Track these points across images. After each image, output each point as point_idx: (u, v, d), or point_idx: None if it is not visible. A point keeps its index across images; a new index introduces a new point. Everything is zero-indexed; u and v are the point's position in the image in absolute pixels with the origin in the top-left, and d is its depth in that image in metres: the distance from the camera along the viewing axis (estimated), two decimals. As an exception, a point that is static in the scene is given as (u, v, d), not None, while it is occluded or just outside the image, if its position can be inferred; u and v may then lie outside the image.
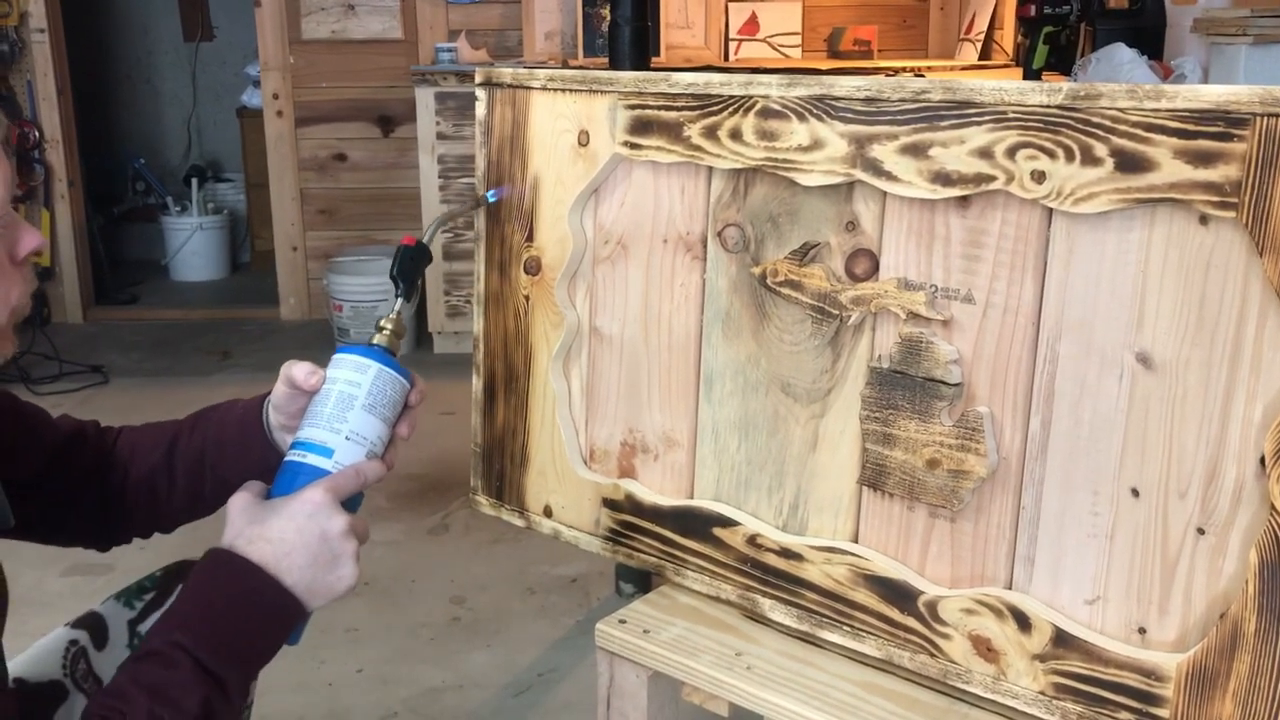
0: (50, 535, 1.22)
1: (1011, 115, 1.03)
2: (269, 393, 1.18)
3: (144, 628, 1.23)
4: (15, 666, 1.15)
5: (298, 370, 1.11)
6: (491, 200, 1.42)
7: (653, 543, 1.37)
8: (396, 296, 1.21)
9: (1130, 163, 0.97)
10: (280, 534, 1.00)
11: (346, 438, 1.08)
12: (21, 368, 3.90)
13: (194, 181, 5.73)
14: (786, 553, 1.26)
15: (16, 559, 1.08)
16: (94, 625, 1.22)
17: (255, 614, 0.98)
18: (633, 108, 1.28)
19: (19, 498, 1.12)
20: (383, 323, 1.16)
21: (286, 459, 1.09)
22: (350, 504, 1.06)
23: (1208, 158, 0.93)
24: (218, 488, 1.20)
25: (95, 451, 1.23)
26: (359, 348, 1.12)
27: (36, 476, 1.17)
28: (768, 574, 1.28)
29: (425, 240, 1.22)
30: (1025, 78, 3.71)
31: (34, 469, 1.17)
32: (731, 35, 4.59)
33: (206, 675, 0.93)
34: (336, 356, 1.12)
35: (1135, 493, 1.04)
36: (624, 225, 1.35)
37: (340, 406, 1.08)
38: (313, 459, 1.07)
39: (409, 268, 1.21)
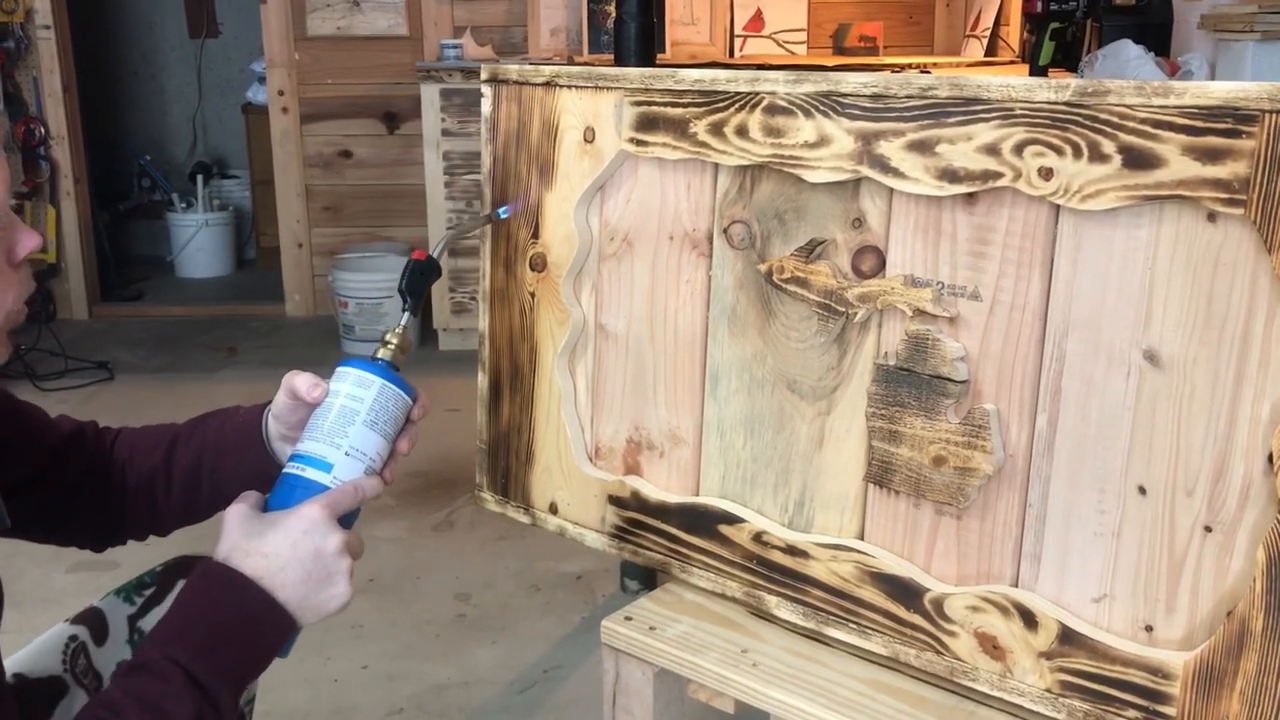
0: (47, 535, 1.22)
1: (1019, 112, 1.02)
2: (270, 401, 1.17)
3: (144, 623, 1.23)
4: (15, 662, 1.15)
5: (300, 381, 1.11)
6: (503, 216, 1.42)
7: (658, 540, 1.37)
8: (403, 310, 1.19)
9: (1138, 159, 0.97)
10: (275, 549, 0.99)
11: (346, 453, 1.07)
12: (27, 364, 3.91)
13: (199, 178, 5.73)
14: (792, 550, 1.26)
15: (22, 556, 1.09)
16: (94, 621, 1.21)
17: (248, 629, 0.98)
18: (639, 104, 1.28)
19: (16, 497, 1.12)
20: (388, 336, 1.15)
21: (285, 471, 1.08)
22: (346, 520, 1.05)
23: (1216, 154, 0.93)
24: (214, 494, 1.20)
25: (94, 452, 1.22)
26: (363, 361, 1.11)
27: (35, 476, 1.17)
28: (774, 571, 1.28)
29: (435, 255, 1.22)
30: (1031, 74, 3.70)
31: (32, 469, 1.17)
32: (737, 31, 4.59)
33: (198, 689, 0.93)
34: (340, 369, 1.11)
35: (1142, 490, 1.04)
36: (630, 222, 1.35)
37: (341, 421, 1.08)
38: (311, 473, 1.06)
39: (417, 282, 1.20)
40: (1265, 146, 0.91)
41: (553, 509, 1.47)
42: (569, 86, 1.34)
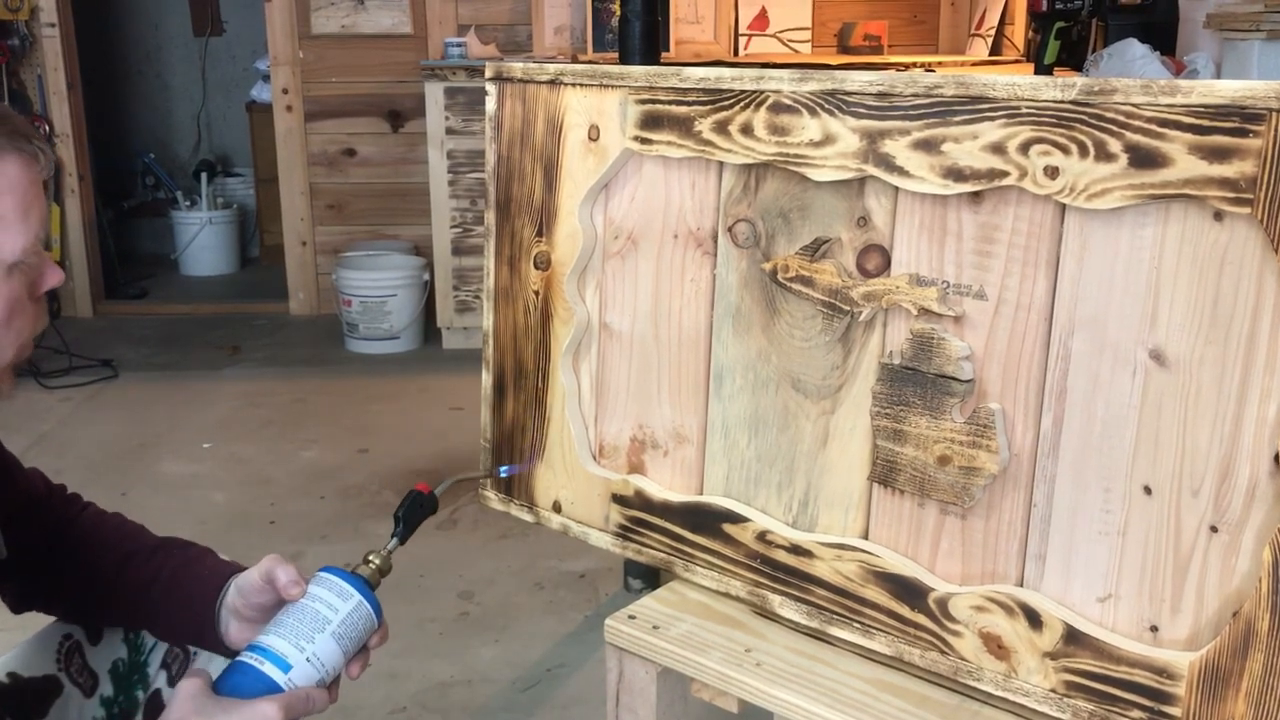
0: None
1: (1024, 110, 1.02)
2: (241, 569, 1.16)
3: None
4: (8, 661, 1.14)
5: (282, 574, 1.09)
6: (503, 475, 1.45)
7: (662, 538, 1.37)
8: (393, 535, 1.20)
9: (1144, 158, 0.96)
10: None
11: (308, 659, 1.06)
12: (32, 362, 3.90)
13: (203, 176, 5.74)
14: (796, 549, 1.26)
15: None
16: None
17: None
18: (643, 102, 1.28)
19: None
20: (371, 556, 1.15)
21: (241, 659, 1.07)
22: None
23: (1223, 153, 0.93)
24: (147, 621, 1.19)
25: (56, 522, 1.21)
26: (346, 574, 1.11)
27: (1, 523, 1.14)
28: (777, 570, 1.27)
29: (436, 492, 1.23)
30: (1036, 73, 3.69)
31: (1, 516, 1.14)
32: (741, 30, 4.59)
33: None
34: (321, 574, 1.11)
35: (1148, 490, 1.03)
36: (634, 220, 1.34)
37: (311, 626, 1.07)
38: (269, 668, 1.05)
39: (414, 514, 1.21)
40: (1272, 145, 0.90)
41: (556, 507, 1.47)
42: (574, 84, 1.34)
